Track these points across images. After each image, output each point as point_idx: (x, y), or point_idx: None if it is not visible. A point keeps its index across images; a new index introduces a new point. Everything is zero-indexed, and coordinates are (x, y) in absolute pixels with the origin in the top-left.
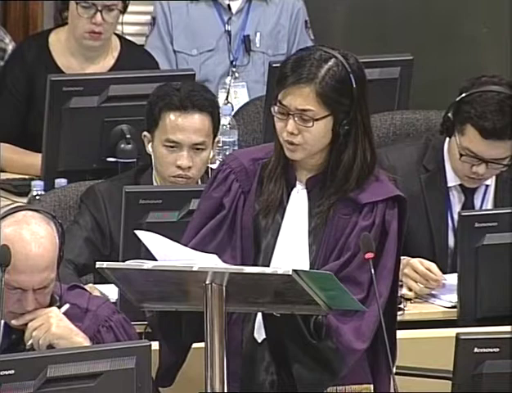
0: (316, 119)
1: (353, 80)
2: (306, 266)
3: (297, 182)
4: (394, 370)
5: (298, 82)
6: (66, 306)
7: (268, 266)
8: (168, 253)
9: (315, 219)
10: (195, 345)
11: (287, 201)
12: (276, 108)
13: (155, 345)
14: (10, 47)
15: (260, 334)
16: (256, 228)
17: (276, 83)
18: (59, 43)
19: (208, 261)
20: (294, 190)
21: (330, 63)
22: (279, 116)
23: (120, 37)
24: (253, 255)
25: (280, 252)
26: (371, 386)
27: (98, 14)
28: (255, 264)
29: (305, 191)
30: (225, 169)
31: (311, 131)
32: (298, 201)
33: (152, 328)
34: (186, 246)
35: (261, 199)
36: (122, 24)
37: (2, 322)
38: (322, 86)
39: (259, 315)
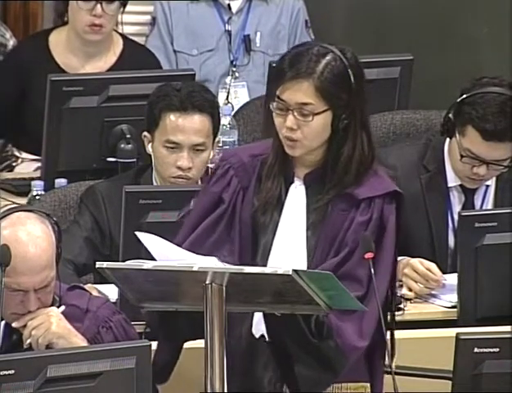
0: (316, 114)
1: (351, 74)
2: (304, 261)
3: (295, 178)
4: (394, 369)
5: (297, 77)
6: (62, 308)
7: (266, 262)
8: (168, 255)
9: (313, 215)
10: (195, 345)
11: (285, 197)
12: (275, 104)
13: (155, 345)
14: (11, 43)
15: (258, 330)
16: (255, 225)
17: (273, 79)
18: (59, 42)
19: (208, 263)
20: (292, 186)
21: (328, 57)
22: (278, 112)
23: (121, 34)
24: (252, 251)
25: (278, 248)
26: (368, 384)
27: (98, 5)
28: (253, 260)
29: (303, 187)
30: (224, 165)
31: (310, 126)
32: (296, 197)
33: (149, 326)
34: (184, 240)
35: (259, 196)
36: (122, 24)
37: (3, 323)
38: (321, 80)
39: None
